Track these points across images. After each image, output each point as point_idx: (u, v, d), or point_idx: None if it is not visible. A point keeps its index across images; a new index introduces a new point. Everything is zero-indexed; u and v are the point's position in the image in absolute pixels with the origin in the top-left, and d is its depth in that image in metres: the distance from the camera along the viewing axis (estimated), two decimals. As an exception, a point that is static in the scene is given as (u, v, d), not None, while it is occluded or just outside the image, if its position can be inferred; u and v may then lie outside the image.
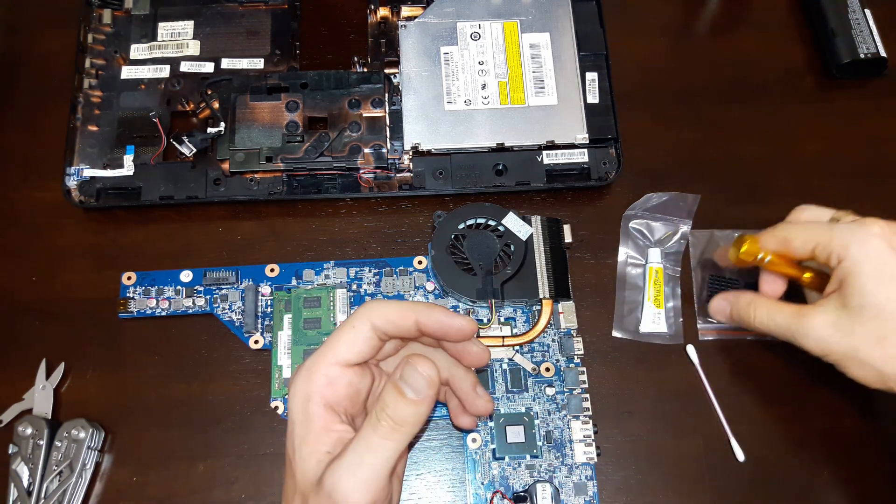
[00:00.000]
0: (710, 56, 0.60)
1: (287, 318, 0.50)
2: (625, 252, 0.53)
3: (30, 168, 0.56)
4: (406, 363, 0.32)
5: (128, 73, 0.57)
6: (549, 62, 0.56)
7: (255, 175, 0.54)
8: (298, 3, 0.60)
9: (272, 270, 0.51)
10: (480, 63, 0.56)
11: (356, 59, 0.57)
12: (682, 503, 0.47)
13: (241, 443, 0.48)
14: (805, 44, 0.61)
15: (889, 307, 0.37)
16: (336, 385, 0.34)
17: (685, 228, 0.53)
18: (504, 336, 0.49)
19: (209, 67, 0.57)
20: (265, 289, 0.51)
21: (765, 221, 0.44)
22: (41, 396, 0.48)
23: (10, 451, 0.46)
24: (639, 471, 0.48)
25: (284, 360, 0.49)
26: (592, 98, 0.55)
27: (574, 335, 0.50)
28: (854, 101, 0.58)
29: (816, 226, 0.41)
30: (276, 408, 0.48)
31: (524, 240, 0.50)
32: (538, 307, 0.50)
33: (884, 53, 0.57)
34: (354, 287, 0.51)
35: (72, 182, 0.53)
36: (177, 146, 0.54)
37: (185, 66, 0.57)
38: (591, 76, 0.56)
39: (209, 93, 0.56)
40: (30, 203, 0.55)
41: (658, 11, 0.62)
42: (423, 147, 0.53)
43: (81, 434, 0.46)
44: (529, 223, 0.51)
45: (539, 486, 0.46)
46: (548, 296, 0.49)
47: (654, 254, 0.53)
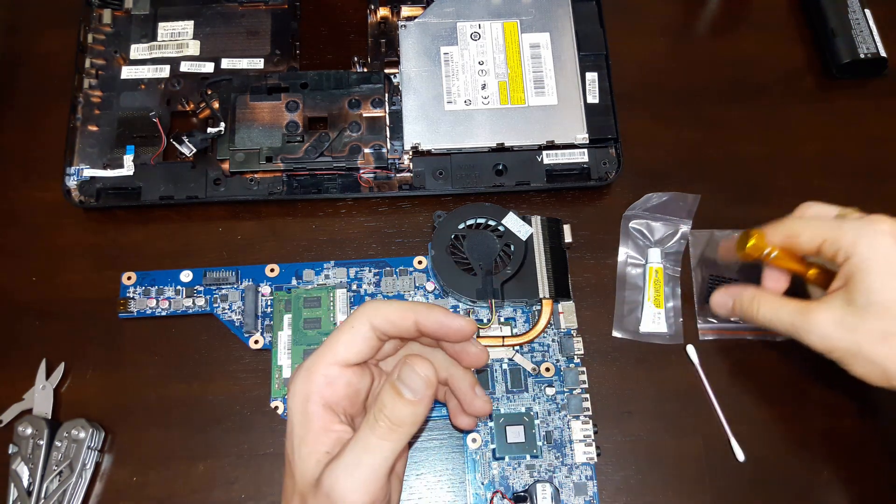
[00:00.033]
0: (710, 56, 0.60)
1: (287, 318, 0.50)
2: (625, 252, 0.53)
3: (30, 168, 0.56)
4: (404, 363, 0.32)
5: (128, 73, 0.57)
6: (549, 62, 0.56)
7: (255, 175, 0.54)
8: (298, 3, 0.60)
9: (272, 270, 0.52)
10: (480, 63, 0.56)
11: (356, 59, 0.57)
12: (682, 503, 0.47)
13: (241, 443, 0.48)
14: (805, 44, 0.61)
15: None
16: (335, 385, 0.34)
17: (685, 228, 0.53)
18: (504, 336, 0.49)
19: (209, 67, 0.57)
20: (265, 289, 0.51)
21: (765, 221, 0.44)
22: (41, 396, 0.48)
23: (10, 451, 0.46)
24: (639, 471, 0.48)
25: (284, 360, 0.49)
26: (592, 98, 0.55)
27: (574, 335, 0.50)
28: (854, 101, 0.58)
29: (824, 221, 0.40)
30: (276, 408, 0.48)
31: (524, 240, 0.50)
32: (538, 307, 0.49)
33: (884, 53, 0.57)
34: (354, 287, 0.51)
35: (72, 182, 0.53)
36: (177, 146, 0.54)
37: (185, 66, 0.57)
38: (591, 76, 0.56)
39: (209, 93, 0.56)
40: (30, 203, 0.55)
41: (658, 11, 0.62)
42: (423, 147, 0.53)
43: (81, 434, 0.46)
44: (529, 223, 0.51)
45: (539, 486, 0.46)
46: (548, 296, 0.49)
47: (654, 254, 0.53)
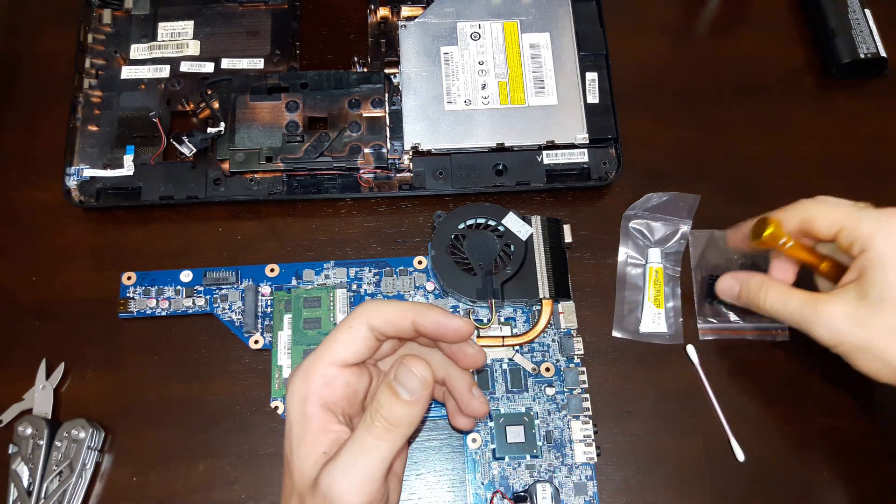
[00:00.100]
0: (710, 56, 0.60)
1: (287, 318, 0.50)
2: (625, 252, 0.53)
3: (30, 168, 0.56)
4: (400, 364, 0.32)
5: (128, 73, 0.57)
6: (549, 62, 0.56)
7: (255, 175, 0.54)
8: (298, 3, 0.60)
9: (272, 270, 0.52)
10: (480, 63, 0.56)
11: (356, 59, 0.57)
12: (682, 503, 0.47)
13: (241, 443, 0.48)
14: (805, 44, 0.61)
15: None
16: (333, 385, 0.34)
17: (685, 228, 0.53)
18: (504, 336, 0.49)
19: (209, 67, 0.57)
20: (265, 289, 0.51)
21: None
22: (41, 396, 0.48)
23: (10, 451, 0.46)
24: (639, 471, 0.48)
25: (284, 360, 0.49)
26: (592, 98, 0.55)
27: (574, 335, 0.50)
28: (854, 101, 0.58)
29: (843, 208, 0.39)
30: (276, 408, 0.48)
31: (524, 240, 0.50)
32: (538, 307, 0.49)
33: (884, 53, 0.57)
34: (354, 287, 0.51)
35: (72, 182, 0.53)
36: (177, 146, 0.54)
37: (185, 66, 0.57)
38: (591, 76, 0.56)
39: (209, 93, 0.56)
40: (30, 203, 0.55)
41: (658, 11, 0.62)
42: (423, 147, 0.53)
43: (81, 434, 0.46)
44: (529, 223, 0.51)
45: (539, 486, 0.46)
46: (548, 296, 0.49)
47: (654, 254, 0.53)
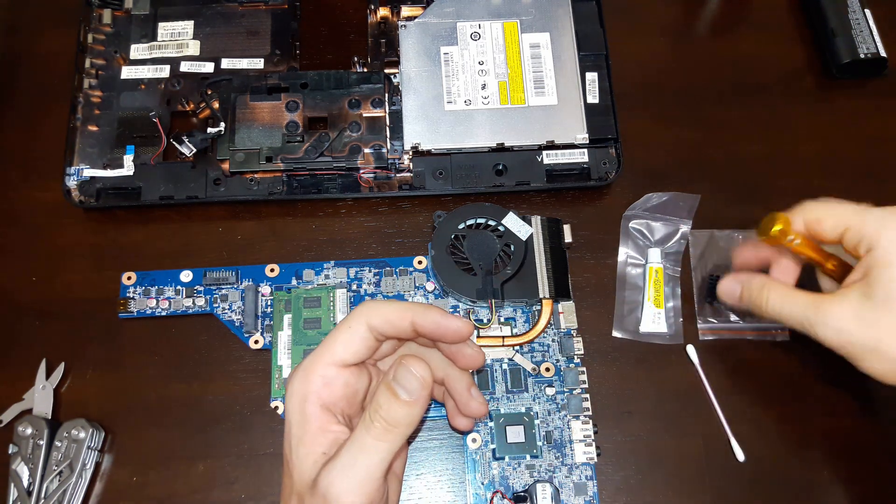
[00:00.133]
0: (710, 56, 0.60)
1: (287, 318, 0.50)
2: (625, 252, 0.53)
3: (30, 168, 0.56)
4: (399, 364, 0.32)
5: (128, 73, 0.57)
6: (549, 62, 0.56)
7: (255, 175, 0.54)
8: (298, 3, 0.60)
9: (272, 270, 0.52)
10: (480, 63, 0.56)
11: (356, 59, 0.57)
12: (682, 503, 0.47)
13: (241, 443, 0.48)
14: (805, 44, 0.61)
15: None
16: (332, 385, 0.34)
17: (685, 228, 0.53)
18: (504, 336, 0.49)
19: (209, 67, 0.57)
20: (265, 289, 0.51)
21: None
22: (41, 396, 0.48)
23: (10, 451, 0.46)
24: (639, 471, 0.48)
25: (284, 360, 0.49)
26: (592, 98, 0.55)
27: (574, 335, 0.50)
28: (854, 101, 0.58)
29: (849, 208, 0.39)
30: (276, 408, 0.48)
31: (524, 240, 0.50)
32: (538, 307, 0.49)
33: (884, 53, 0.57)
34: (354, 287, 0.51)
35: (72, 182, 0.53)
36: (177, 146, 0.54)
37: (185, 66, 0.57)
38: (591, 76, 0.56)
39: (209, 93, 0.56)
40: (30, 203, 0.55)
41: (658, 11, 0.62)
42: (423, 147, 0.53)
43: (81, 434, 0.46)
44: (529, 223, 0.51)
45: (539, 486, 0.46)
46: (548, 296, 0.49)
47: (654, 254, 0.53)
